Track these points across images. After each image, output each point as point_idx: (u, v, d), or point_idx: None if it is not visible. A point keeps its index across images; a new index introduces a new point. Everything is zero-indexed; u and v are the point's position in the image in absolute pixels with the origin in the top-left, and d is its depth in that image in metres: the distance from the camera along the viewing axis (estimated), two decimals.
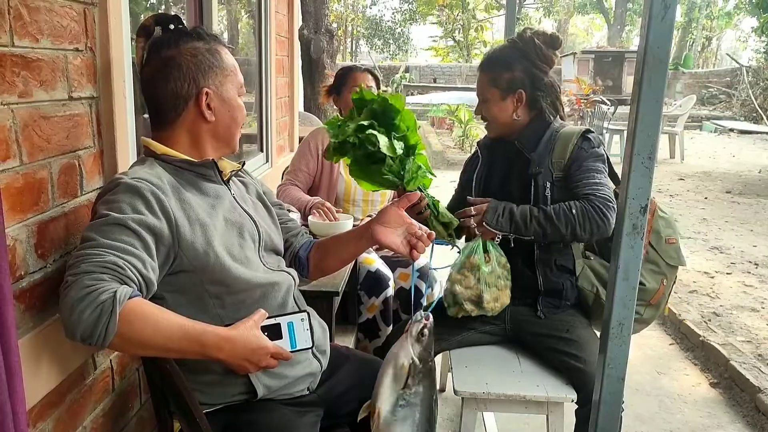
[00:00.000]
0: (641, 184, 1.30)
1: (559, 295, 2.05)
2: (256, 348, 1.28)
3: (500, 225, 1.93)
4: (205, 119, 1.42)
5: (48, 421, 1.38)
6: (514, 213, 1.92)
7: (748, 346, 3.33)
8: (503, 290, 1.99)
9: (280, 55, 3.84)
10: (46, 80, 1.34)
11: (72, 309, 1.12)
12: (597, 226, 1.85)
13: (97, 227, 1.23)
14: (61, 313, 1.15)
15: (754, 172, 9.17)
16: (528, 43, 2.02)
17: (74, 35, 1.45)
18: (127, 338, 1.16)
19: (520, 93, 2.01)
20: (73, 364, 1.44)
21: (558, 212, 1.88)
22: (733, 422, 2.80)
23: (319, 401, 1.58)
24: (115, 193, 1.29)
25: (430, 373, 1.44)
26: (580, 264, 2.07)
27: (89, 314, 1.11)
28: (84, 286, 1.13)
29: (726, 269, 4.72)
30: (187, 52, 1.39)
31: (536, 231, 1.90)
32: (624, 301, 1.37)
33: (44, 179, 1.35)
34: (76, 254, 1.19)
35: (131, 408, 1.80)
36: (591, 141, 1.99)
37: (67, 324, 1.14)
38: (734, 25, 28.04)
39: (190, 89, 1.39)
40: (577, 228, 1.86)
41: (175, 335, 1.20)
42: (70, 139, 1.44)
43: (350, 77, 2.83)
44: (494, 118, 2.07)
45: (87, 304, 1.12)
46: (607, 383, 1.42)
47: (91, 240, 1.20)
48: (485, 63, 2.08)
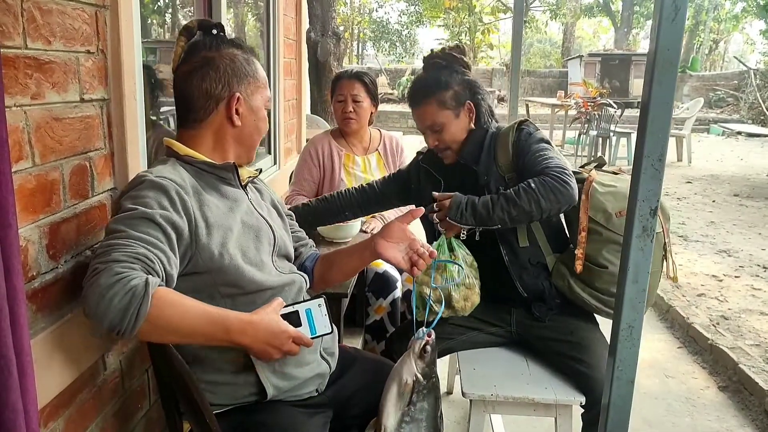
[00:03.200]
0: (651, 186, 1.30)
1: (541, 296, 2.04)
2: (278, 332, 1.29)
3: (464, 219, 1.87)
4: (232, 123, 1.47)
5: (59, 420, 1.39)
6: (476, 204, 1.87)
7: (756, 350, 3.32)
8: (472, 288, 1.97)
9: (287, 58, 3.85)
10: (58, 82, 1.35)
11: (101, 296, 1.11)
12: (561, 194, 1.80)
13: (126, 220, 1.24)
14: (88, 301, 1.13)
15: (762, 175, 9.12)
16: (447, 57, 2.05)
17: (86, 37, 1.46)
18: (156, 324, 1.17)
19: (468, 104, 2.02)
20: (84, 364, 1.45)
21: (518, 192, 1.82)
22: (742, 426, 2.79)
23: (328, 403, 1.59)
24: (141, 189, 1.31)
25: (433, 389, 1.45)
26: (551, 260, 2.05)
27: (119, 300, 1.12)
28: (114, 273, 1.13)
29: (734, 272, 4.70)
30: (226, 56, 1.45)
31: (501, 217, 1.84)
32: (633, 303, 1.36)
33: (56, 180, 1.36)
34: (105, 244, 1.20)
35: (141, 408, 1.81)
36: (527, 128, 2.00)
37: (95, 312, 1.13)
38: (741, 28, 27.96)
39: (223, 91, 1.44)
40: (541, 201, 1.79)
41: (201, 320, 1.23)
42: (82, 140, 1.45)
43: (337, 85, 2.84)
44: (454, 139, 2.03)
45: (117, 290, 1.12)
46: (616, 386, 1.41)
47: (120, 232, 1.22)
48: (421, 93, 2.03)
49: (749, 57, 27.32)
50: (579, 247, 1.92)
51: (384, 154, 2.95)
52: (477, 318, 2.13)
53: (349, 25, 26.79)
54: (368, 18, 29.40)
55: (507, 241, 2.02)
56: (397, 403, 1.42)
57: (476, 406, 1.91)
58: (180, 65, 1.47)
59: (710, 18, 25.44)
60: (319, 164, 2.84)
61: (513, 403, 1.88)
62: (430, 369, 1.44)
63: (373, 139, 2.96)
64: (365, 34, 29.73)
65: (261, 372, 1.42)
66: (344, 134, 2.91)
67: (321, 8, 7.95)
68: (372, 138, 2.95)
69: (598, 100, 10.24)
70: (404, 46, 29.11)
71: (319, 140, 2.91)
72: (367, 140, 2.93)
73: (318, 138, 2.94)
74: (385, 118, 15.61)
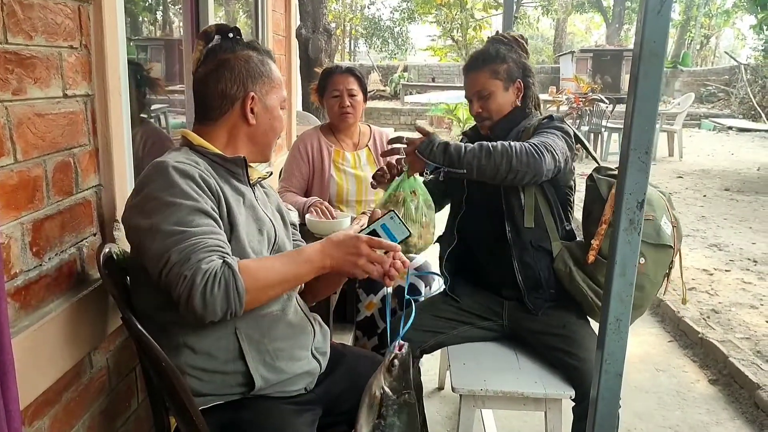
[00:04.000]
0: (638, 179, 1.30)
1: (537, 283, 2.04)
2: (348, 240, 1.36)
3: (433, 155, 1.87)
4: (247, 122, 1.51)
5: (44, 419, 1.38)
6: (449, 145, 1.87)
7: (746, 343, 3.33)
8: (426, 228, 1.99)
9: (277, 54, 3.83)
10: (41, 77, 1.34)
11: (203, 295, 1.22)
12: (534, 161, 1.82)
13: (178, 217, 1.29)
14: (195, 305, 1.22)
15: (752, 170, 9.16)
16: (510, 38, 2.13)
17: (69, 32, 1.44)
18: (256, 288, 1.28)
19: (519, 82, 2.09)
20: (69, 362, 1.44)
21: (495, 145, 1.85)
22: (732, 419, 2.80)
23: (316, 400, 1.58)
24: (169, 177, 1.33)
25: (406, 405, 1.40)
26: (557, 246, 2.06)
27: (218, 290, 1.23)
28: (203, 273, 1.22)
29: (725, 266, 4.72)
30: (241, 57, 1.50)
31: (469, 162, 1.83)
32: (621, 296, 1.36)
33: (39, 177, 1.35)
34: (176, 249, 1.24)
35: (129, 406, 1.80)
36: (552, 118, 2.05)
37: (206, 311, 1.23)
38: (732, 23, 28.03)
39: (238, 91, 1.49)
40: (513, 160, 1.81)
41: (286, 268, 1.34)
42: (65, 136, 1.44)
43: (330, 81, 2.80)
44: (498, 110, 2.09)
45: (212, 284, 1.22)
46: (604, 379, 1.41)
47: (181, 232, 1.27)
48: (480, 59, 2.11)
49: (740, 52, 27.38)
50: (596, 238, 1.92)
51: (374, 150, 2.93)
52: (469, 312, 2.13)
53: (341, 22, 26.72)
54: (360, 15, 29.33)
55: (513, 219, 2.03)
56: (368, 416, 1.40)
57: (466, 401, 1.91)
58: (198, 68, 1.52)
59: (701, 13, 25.50)
60: (308, 160, 2.82)
61: (503, 397, 1.88)
62: (400, 384, 1.39)
63: (362, 135, 2.94)
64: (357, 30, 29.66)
65: (251, 362, 1.43)
66: (336, 130, 2.88)
67: (312, 5, 7.93)
68: (362, 134, 2.94)
69: (590, 96, 10.25)
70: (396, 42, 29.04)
71: (308, 136, 2.90)
72: (357, 136, 2.92)
73: (307, 134, 2.92)
74: (378, 115, 15.60)
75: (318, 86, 2.88)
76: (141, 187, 1.36)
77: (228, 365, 1.43)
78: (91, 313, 1.53)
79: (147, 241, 1.29)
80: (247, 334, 1.43)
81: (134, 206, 1.35)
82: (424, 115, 14.55)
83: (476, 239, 2.16)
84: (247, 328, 1.43)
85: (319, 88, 2.87)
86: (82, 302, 1.48)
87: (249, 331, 1.43)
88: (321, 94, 2.86)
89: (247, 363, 1.42)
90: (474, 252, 2.19)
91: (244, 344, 1.42)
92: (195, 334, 1.40)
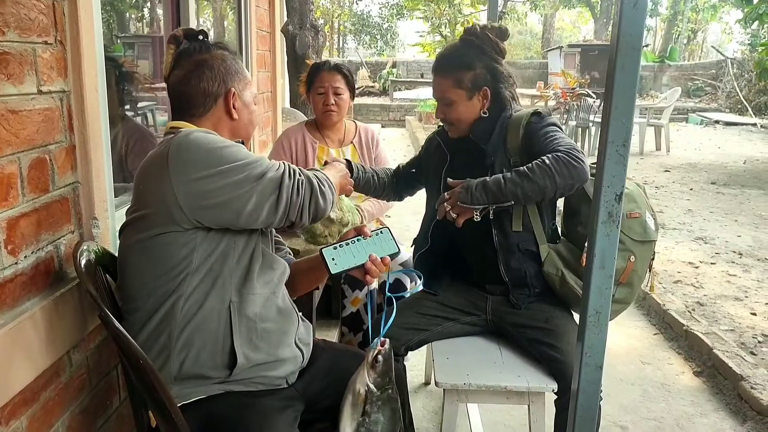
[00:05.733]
0: (616, 172, 1.30)
1: (523, 282, 2.04)
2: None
3: (476, 199, 1.86)
4: (231, 116, 1.57)
5: (21, 419, 1.37)
6: (487, 182, 1.86)
7: (731, 335, 3.36)
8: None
9: (261, 50, 3.81)
10: (14, 74, 1.32)
11: (323, 192, 1.47)
12: (575, 169, 1.78)
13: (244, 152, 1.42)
14: (320, 203, 1.46)
15: (738, 163, 9.23)
16: (483, 38, 2.01)
17: (43, 28, 1.43)
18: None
19: (485, 90, 2.01)
20: (47, 361, 1.43)
21: (532, 168, 1.81)
22: (716, 410, 2.82)
23: (298, 396, 1.58)
24: (201, 138, 1.40)
25: (389, 401, 1.43)
26: (544, 249, 2.04)
27: (324, 186, 1.49)
28: (308, 176, 1.47)
29: (710, 259, 4.75)
30: (218, 56, 1.57)
31: (512, 191, 1.82)
32: (600, 289, 1.36)
33: (13, 174, 1.33)
34: (274, 166, 1.41)
35: (110, 405, 1.79)
36: (540, 115, 1.99)
37: (326, 201, 1.48)
38: (719, 17, 28.18)
39: (219, 88, 1.55)
40: (556, 176, 1.78)
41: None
42: (40, 133, 1.42)
43: (317, 77, 2.78)
44: (460, 119, 2.04)
45: (318, 182, 1.47)
46: (585, 372, 1.41)
47: (259, 157, 1.44)
48: (444, 65, 2.03)
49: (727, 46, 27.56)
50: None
51: (359, 147, 2.92)
52: (452, 307, 2.13)
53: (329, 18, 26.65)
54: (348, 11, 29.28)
55: (500, 223, 2.01)
56: (352, 414, 1.41)
57: (449, 396, 1.91)
58: (173, 71, 1.56)
59: (688, 8, 25.64)
60: (292, 156, 2.81)
61: (486, 391, 1.89)
62: (383, 380, 1.42)
63: (348, 132, 2.93)
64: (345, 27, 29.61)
65: (237, 338, 1.44)
66: (321, 126, 2.87)
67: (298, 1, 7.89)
68: (347, 130, 2.92)
69: (577, 91, 10.30)
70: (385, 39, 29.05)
71: (292, 132, 2.88)
72: (342, 132, 2.90)
73: (292, 130, 2.91)
74: (366, 111, 15.58)
75: (306, 80, 2.86)
76: (188, 159, 1.37)
77: (216, 340, 1.44)
78: (69, 312, 1.51)
79: (233, 177, 1.36)
80: (239, 310, 1.45)
81: (197, 176, 1.35)
82: (413, 111, 14.52)
83: (460, 242, 2.15)
84: (240, 304, 1.45)
85: (307, 82, 2.86)
86: (60, 300, 1.47)
87: (242, 307, 1.46)
88: (308, 89, 2.85)
89: (233, 339, 1.44)
90: (453, 255, 2.19)
91: (234, 319, 1.44)
92: (192, 303, 1.41)
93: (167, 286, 1.41)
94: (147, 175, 1.43)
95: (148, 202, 1.40)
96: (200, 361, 1.44)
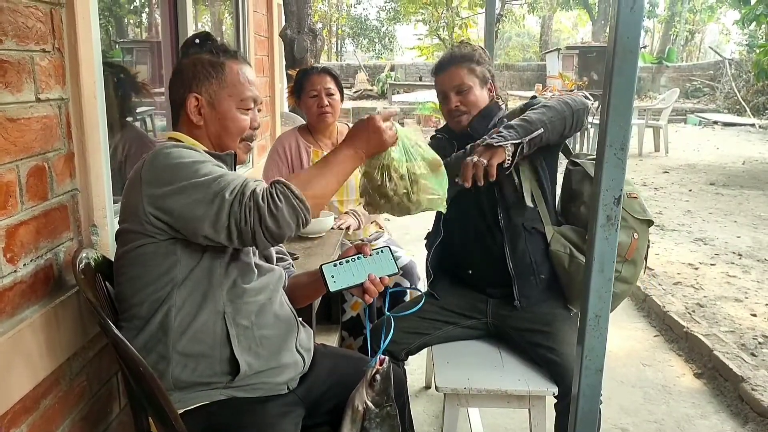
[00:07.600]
0: (614, 176, 1.30)
1: (529, 269, 2.05)
2: (364, 122, 1.49)
3: (505, 136, 1.85)
4: (194, 123, 1.51)
5: (22, 427, 1.37)
6: (511, 124, 1.90)
7: (731, 336, 3.35)
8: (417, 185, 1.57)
9: (259, 55, 3.82)
10: (12, 82, 1.33)
11: (273, 214, 1.27)
12: (578, 97, 1.98)
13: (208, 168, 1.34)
14: (269, 225, 1.27)
15: (737, 164, 9.23)
16: (474, 47, 2.20)
17: (41, 36, 1.43)
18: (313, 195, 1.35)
19: (491, 84, 2.16)
20: (47, 369, 1.43)
21: (545, 103, 1.96)
22: (717, 412, 2.82)
23: (299, 401, 1.58)
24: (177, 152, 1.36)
25: (388, 418, 1.45)
26: (550, 230, 2.08)
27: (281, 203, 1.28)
28: (260, 195, 1.28)
29: (710, 260, 4.74)
30: (190, 61, 1.51)
31: (540, 119, 1.89)
32: (600, 293, 1.36)
33: (12, 182, 1.33)
34: (226, 190, 1.28)
35: (111, 412, 1.79)
36: (537, 97, 2.11)
37: (280, 225, 1.29)
38: (717, 18, 28.24)
39: (182, 94, 1.50)
40: (569, 101, 1.95)
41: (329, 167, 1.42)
42: (39, 141, 1.42)
43: (307, 81, 2.78)
44: (475, 104, 2.12)
45: (274, 201, 1.28)
46: (585, 375, 1.41)
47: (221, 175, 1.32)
48: (456, 58, 2.14)
49: (725, 47, 27.62)
50: None
51: None
52: (452, 311, 2.13)
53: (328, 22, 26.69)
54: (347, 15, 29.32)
55: (506, 205, 2.06)
56: (351, 429, 1.44)
57: (450, 400, 1.91)
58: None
59: (686, 9, 25.68)
60: (287, 162, 2.81)
61: (486, 395, 1.88)
62: (382, 398, 1.45)
63: (340, 134, 2.92)
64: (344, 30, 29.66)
65: (236, 347, 1.43)
66: (314, 130, 2.87)
67: (297, 5, 7.89)
68: (339, 133, 2.92)
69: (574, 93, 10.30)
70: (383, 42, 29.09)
71: (286, 138, 2.88)
72: (335, 135, 2.90)
73: (285, 135, 2.91)
74: (365, 114, 15.55)
75: (294, 87, 2.86)
76: (154, 175, 1.35)
77: (214, 350, 1.43)
78: (69, 319, 1.51)
79: (189, 198, 1.30)
80: (234, 320, 1.44)
81: (160, 192, 1.33)
82: (411, 114, 14.53)
83: (463, 231, 2.16)
84: (235, 314, 1.44)
85: (295, 89, 2.85)
86: (59, 308, 1.47)
87: (237, 317, 1.45)
88: (298, 95, 2.84)
89: (233, 348, 1.43)
90: (460, 248, 2.19)
91: (231, 329, 1.43)
92: (184, 315, 1.40)
93: (157, 294, 1.40)
94: (127, 187, 1.43)
95: (127, 213, 1.41)
96: (200, 370, 1.43)
